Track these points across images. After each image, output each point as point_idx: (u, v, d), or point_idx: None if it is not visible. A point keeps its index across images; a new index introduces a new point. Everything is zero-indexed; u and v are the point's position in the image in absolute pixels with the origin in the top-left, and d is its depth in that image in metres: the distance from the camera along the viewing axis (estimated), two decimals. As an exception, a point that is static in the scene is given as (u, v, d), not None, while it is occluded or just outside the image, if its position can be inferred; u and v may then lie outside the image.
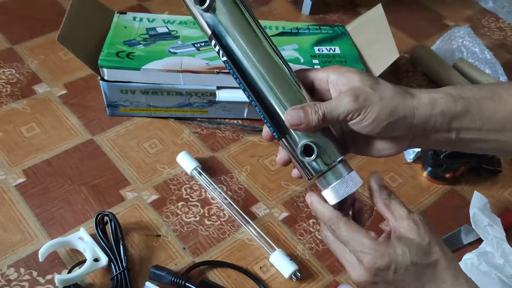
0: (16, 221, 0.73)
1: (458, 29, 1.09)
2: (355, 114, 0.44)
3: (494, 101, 0.47)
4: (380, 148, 0.48)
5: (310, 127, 0.45)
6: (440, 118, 0.46)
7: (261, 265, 0.71)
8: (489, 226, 0.74)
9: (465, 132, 0.47)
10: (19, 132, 0.85)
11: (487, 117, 0.47)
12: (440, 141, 0.48)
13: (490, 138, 0.47)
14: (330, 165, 0.46)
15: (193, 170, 0.79)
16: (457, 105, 0.46)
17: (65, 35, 0.80)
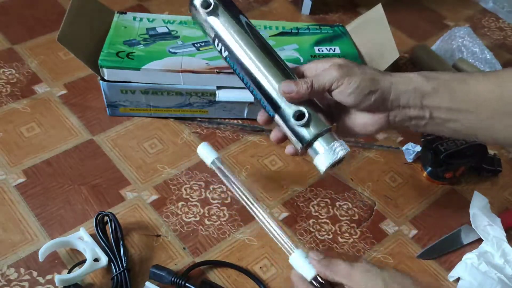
0: (16, 221, 0.73)
1: (458, 29, 1.09)
2: (340, 82, 0.50)
3: (462, 83, 0.51)
4: (363, 122, 0.53)
5: (300, 95, 0.51)
6: (413, 95, 0.50)
7: (261, 265, 0.71)
8: (489, 226, 0.74)
9: (437, 110, 0.51)
10: (19, 132, 0.85)
11: (456, 97, 0.51)
12: (415, 119, 0.52)
13: (461, 118, 0.51)
14: (320, 132, 0.52)
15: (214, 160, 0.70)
16: (428, 84, 0.51)
17: (65, 35, 0.80)
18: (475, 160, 0.83)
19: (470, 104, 0.51)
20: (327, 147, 0.52)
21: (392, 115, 0.52)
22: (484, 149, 0.82)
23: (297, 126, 0.52)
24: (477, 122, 0.51)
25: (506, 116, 0.50)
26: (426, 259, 0.74)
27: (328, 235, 0.76)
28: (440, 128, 0.53)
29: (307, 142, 0.53)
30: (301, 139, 0.53)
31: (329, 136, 0.53)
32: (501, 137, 0.52)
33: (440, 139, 0.82)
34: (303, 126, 0.52)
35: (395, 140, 0.91)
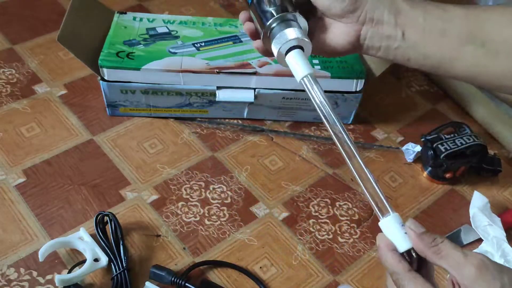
0: (16, 221, 0.73)
1: (458, 29, 1.09)
2: None
3: (438, 8, 0.51)
4: (331, 33, 0.52)
5: None
6: (388, 8, 0.50)
7: (261, 265, 0.71)
8: (489, 226, 0.74)
9: (410, 30, 0.50)
10: (19, 132, 0.85)
11: (430, 17, 0.50)
12: (387, 38, 0.51)
13: (432, 41, 0.50)
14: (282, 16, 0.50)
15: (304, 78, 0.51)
16: (404, 1, 0.50)
17: (65, 35, 0.80)
18: (475, 160, 0.83)
19: (444, 25, 0.50)
20: (283, 31, 0.50)
21: (364, 30, 0.51)
22: (484, 149, 0.82)
23: (266, 7, 0.51)
24: (447, 47, 0.50)
25: (474, 45, 0.50)
26: (426, 259, 0.74)
27: (328, 235, 0.76)
28: (410, 52, 0.51)
29: (268, 24, 0.51)
30: (264, 21, 0.51)
31: (291, 23, 0.51)
32: (465, 67, 0.51)
33: (440, 139, 0.82)
34: (270, 7, 0.51)
35: (395, 140, 0.91)
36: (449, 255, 0.40)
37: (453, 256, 0.40)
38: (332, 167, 0.85)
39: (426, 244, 0.41)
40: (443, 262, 0.40)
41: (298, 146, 0.88)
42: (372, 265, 0.73)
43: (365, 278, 0.72)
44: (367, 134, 0.92)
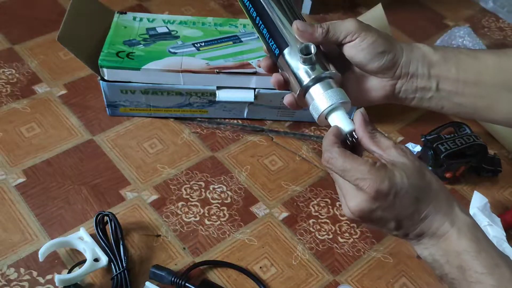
0: (16, 221, 0.73)
1: (458, 29, 1.09)
2: (355, 34, 0.48)
3: (469, 56, 0.51)
4: (368, 86, 0.51)
5: (314, 37, 0.48)
6: (421, 62, 0.50)
7: (261, 265, 0.71)
8: (489, 226, 0.74)
9: (443, 81, 0.50)
10: (19, 132, 0.85)
11: (463, 68, 0.50)
12: (422, 90, 0.51)
13: (466, 91, 0.50)
14: (320, 76, 0.48)
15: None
16: (436, 53, 0.50)
17: (65, 35, 0.80)
18: (475, 160, 0.83)
19: (478, 76, 0.50)
20: (324, 92, 0.48)
21: (399, 84, 0.51)
22: (484, 149, 0.82)
23: (300, 64, 0.48)
24: (482, 96, 0.50)
25: (509, 93, 0.50)
26: (426, 259, 0.74)
27: (328, 235, 0.76)
28: (445, 103, 0.51)
29: (306, 84, 0.49)
30: (300, 80, 0.49)
31: (330, 82, 0.48)
32: (502, 114, 0.51)
33: (440, 139, 0.82)
34: (305, 64, 0.48)
35: (395, 140, 0.91)
36: (381, 141, 0.46)
37: (384, 142, 0.46)
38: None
39: (366, 129, 0.47)
40: (375, 147, 0.46)
41: (298, 146, 0.88)
42: (372, 265, 0.73)
43: (365, 278, 0.72)
44: (367, 134, 0.92)
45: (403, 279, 0.72)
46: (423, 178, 0.45)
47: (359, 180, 0.43)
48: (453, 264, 0.45)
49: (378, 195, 0.43)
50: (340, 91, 0.48)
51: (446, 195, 0.46)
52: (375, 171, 0.43)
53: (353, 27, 0.48)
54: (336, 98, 0.47)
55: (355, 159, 0.44)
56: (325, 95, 0.47)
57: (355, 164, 0.44)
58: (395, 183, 0.43)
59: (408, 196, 0.44)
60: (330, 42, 0.49)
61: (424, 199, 0.45)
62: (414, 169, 0.45)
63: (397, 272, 0.73)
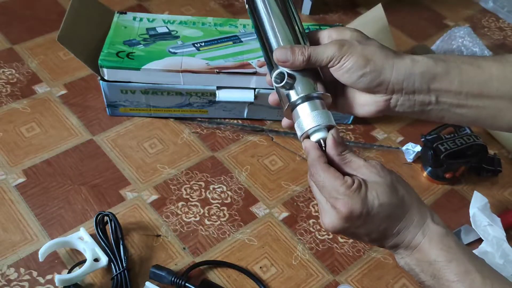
0: (16, 221, 0.73)
1: (458, 29, 1.09)
2: (336, 60, 0.48)
3: (473, 66, 0.49)
4: (361, 102, 0.51)
5: (295, 65, 0.49)
6: (419, 78, 0.48)
7: (261, 265, 0.71)
8: (489, 226, 0.74)
9: (445, 95, 0.49)
10: (19, 132, 0.85)
11: (466, 80, 0.48)
12: (421, 104, 0.50)
13: (469, 103, 0.49)
14: (305, 95, 0.48)
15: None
16: (437, 66, 0.48)
17: (65, 35, 0.80)
18: (475, 160, 0.83)
19: (482, 87, 0.48)
20: (307, 113, 0.48)
21: (394, 99, 0.49)
22: (484, 149, 0.82)
23: (280, 88, 0.50)
24: (486, 107, 0.49)
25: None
26: (426, 259, 0.74)
27: (328, 235, 0.76)
28: (445, 114, 0.50)
29: (288, 105, 0.50)
30: (284, 101, 0.50)
31: (316, 103, 0.49)
32: (506, 123, 0.50)
33: (440, 139, 0.82)
34: (284, 88, 0.49)
35: (395, 140, 0.91)
36: (352, 161, 0.47)
37: (355, 162, 0.47)
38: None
39: (336, 150, 0.48)
40: (348, 168, 0.47)
41: (298, 146, 0.88)
42: (372, 265, 0.73)
43: (365, 278, 0.72)
44: (367, 134, 0.92)
45: (403, 280, 0.72)
46: (395, 194, 0.46)
47: (333, 199, 0.45)
48: (427, 273, 0.47)
49: (350, 216, 0.44)
50: (325, 113, 0.49)
51: (419, 207, 0.48)
52: (350, 193, 0.44)
53: (333, 52, 0.48)
54: (321, 120, 0.48)
55: (336, 178, 0.45)
56: (311, 116, 0.48)
57: (334, 183, 0.45)
58: (367, 205, 0.45)
59: (379, 215, 0.45)
60: (313, 67, 0.50)
61: (396, 215, 0.46)
62: (386, 186, 0.46)
63: (397, 273, 0.73)
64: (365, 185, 0.46)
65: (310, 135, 0.49)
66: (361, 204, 0.45)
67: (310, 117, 0.48)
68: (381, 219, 0.46)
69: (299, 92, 0.49)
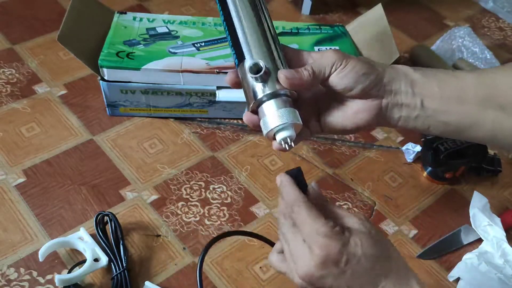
0: (16, 221, 0.73)
1: (458, 29, 1.09)
2: (338, 63, 0.48)
3: (448, 75, 0.51)
4: (354, 110, 0.51)
5: (303, 82, 0.48)
6: (404, 80, 0.50)
7: (261, 265, 0.71)
8: (489, 226, 0.74)
9: (428, 99, 0.50)
10: (19, 132, 0.85)
11: (444, 86, 0.50)
12: (407, 107, 0.50)
13: (451, 109, 0.50)
14: (273, 92, 0.48)
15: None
16: (415, 73, 0.50)
17: (65, 35, 0.80)
18: (475, 160, 0.83)
19: (460, 92, 0.50)
20: (275, 110, 0.47)
21: (384, 103, 0.50)
22: (484, 149, 0.82)
23: (252, 80, 0.48)
24: (466, 114, 0.50)
25: (492, 109, 0.50)
26: (426, 259, 0.74)
27: (328, 235, 0.76)
28: (431, 121, 0.51)
29: (257, 99, 0.48)
30: (253, 94, 0.48)
31: (284, 100, 0.48)
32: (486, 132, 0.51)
33: (440, 139, 0.82)
34: (257, 81, 0.48)
35: (395, 140, 0.91)
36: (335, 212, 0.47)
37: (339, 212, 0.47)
38: (332, 167, 0.85)
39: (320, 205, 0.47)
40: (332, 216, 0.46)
41: (298, 146, 0.88)
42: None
43: (365, 278, 0.72)
44: (367, 134, 0.92)
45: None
46: (382, 249, 0.44)
47: (311, 240, 0.43)
48: None
49: (326, 260, 0.42)
50: (292, 111, 0.48)
51: (405, 266, 0.46)
52: (332, 234, 0.43)
53: (334, 57, 0.49)
54: (287, 118, 0.47)
55: (317, 218, 0.44)
56: (278, 113, 0.47)
57: (314, 223, 0.43)
58: (347, 251, 0.42)
59: (362, 265, 0.43)
60: (318, 80, 0.49)
61: (379, 270, 0.44)
62: (371, 237, 0.44)
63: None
64: (348, 231, 0.44)
65: (276, 134, 0.48)
66: (341, 248, 0.42)
67: (277, 115, 0.47)
68: (363, 270, 0.43)
69: (268, 88, 0.48)
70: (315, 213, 0.44)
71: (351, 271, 0.43)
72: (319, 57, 0.50)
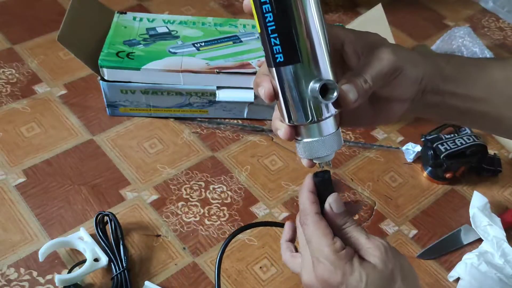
0: (16, 221, 0.73)
1: (458, 29, 1.09)
2: (398, 72, 0.43)
3: (477, 67, 0.48)
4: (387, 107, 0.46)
5: (364, 98, 0.42)
6: (438, 77, 0.46)
7: (261, 265, 0.71)
8: (489, 226, 0.74)
9: (454, 98, 0.47)
10: (19, 132, 0.85)
11: (471, 83, 0.47)
12: (433, 105, 0.47)
13: (476, 108, 0.48)
14: (324, 117, 0.41)
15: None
16: (447, 65, 0.46)
17: (65, 35, 0.80)
18: (475, 160, 0.83)
19: (486, 92, 0.47)
20: (327, 136, 0.42)
21: (415, 101, 0.46)
22: (484, 149, 0.82)
23: (309, 96, 0.40)
24: (490, 112, 0.48)
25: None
26: (426, 259, 0.74)
27: (328, 235, 0.76)
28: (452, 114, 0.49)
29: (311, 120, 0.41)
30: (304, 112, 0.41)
31: (335, 120, 0.43)
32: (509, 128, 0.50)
33: (440, 139, 0.82)
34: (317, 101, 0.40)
35: (395, 140, 0.91)
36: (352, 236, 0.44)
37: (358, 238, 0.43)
38: (333, 167, 0.85)
39: (337, 226, 0.44)
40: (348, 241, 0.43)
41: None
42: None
43: (365, 278, 0.72)
44: (367, 134, 0.92)
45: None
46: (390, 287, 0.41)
47: (315, 259, 0.42)
48: None
49: (325, 283, 0.41)
50: (337, 136, 0.43)
51: None
52: (335, 259, 0.40)
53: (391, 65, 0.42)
54: (332, 147, 0.43)
55: (324, 236, 0.42)
56: (328, 140, 0.42)
57: (320, 241, 0.42)
58: (347, 281, 0.40)
59: None
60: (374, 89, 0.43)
61: None
62: (383, 276, 0.41)
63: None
64: (359, 261, 0.41)
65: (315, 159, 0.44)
66: (341, 278, 0.40)
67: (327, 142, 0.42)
68: None
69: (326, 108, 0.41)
70: (323, 231, 0.42)
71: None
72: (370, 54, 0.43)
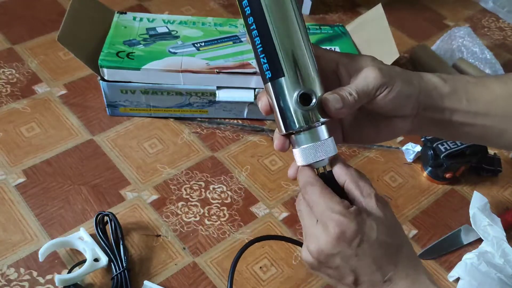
0: (16, 221, 0.73)
1: (458, 29, 1.09)
2: (383, 87, 0.45)
3: (478, 86, 0.49)
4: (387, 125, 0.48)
5: (349, 109, 0.44)
6: (434, 94, 0.47)
7: (261, 265, 0.71)
8: (489, 226, 0.74)
9: (455, 114, 0.48)
10: (19, 132, 0.85)
11: (473, 99, 0.48)
12: (436, 122, 0.49)
13: (478, 122, 0.49)
14: (311, 124, 0.44)
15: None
16: (445, 85, 0.48)
17: (65, 35, 0.80)
18: (475, 160, 0.83)
19: (488, 108, 0.48)
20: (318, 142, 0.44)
21: (415, 119, 0.48)
22: (484, 149, 0.82)
23: (294, 105, 0.43)
24: (492, 127, 0.49)
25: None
26: (426, 259, 0.74)
27: (328, 235, 0.76)
28: (456, 132, 0.50)
29: (298, 127, 0.44)
30: (292, 120, 0.43)
31: (326, 128, 0.45)
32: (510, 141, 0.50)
33: (440, 139, 0.82)
34: (301, 108, 0.43)
35: (395, 140, 0.91)
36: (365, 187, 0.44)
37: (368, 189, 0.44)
38: (332, 167, 0.85)
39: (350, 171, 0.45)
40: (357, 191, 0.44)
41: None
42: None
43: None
44: (367, 134, 0.92)
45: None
46: (396, 237, 0.43)
47: (326, 218, 0.41)
48: None
49: (341, 237, 0.41)
50: (331, 142, 0.45)
51: (416, 260, 0.44)
52: (347, 213, 0.41)
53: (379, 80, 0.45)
54: (331, 151, 0.45)
55: (332, 197, 0.42)
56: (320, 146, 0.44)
57: (329, 202, 0.42)
58: (363, 231, 0.41)
59: (373, 250, 0.41)
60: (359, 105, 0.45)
61: (387, 260, 0.42)
62: (387, 225, 0.42)
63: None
64: (367, 214, 0.42)
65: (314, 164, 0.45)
66: (356, 227, 0.41)
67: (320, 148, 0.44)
68: (374, 256, 0.41)
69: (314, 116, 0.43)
70: (329, 194, 0.43)
71: (362, 254, 0.41)
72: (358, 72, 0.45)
